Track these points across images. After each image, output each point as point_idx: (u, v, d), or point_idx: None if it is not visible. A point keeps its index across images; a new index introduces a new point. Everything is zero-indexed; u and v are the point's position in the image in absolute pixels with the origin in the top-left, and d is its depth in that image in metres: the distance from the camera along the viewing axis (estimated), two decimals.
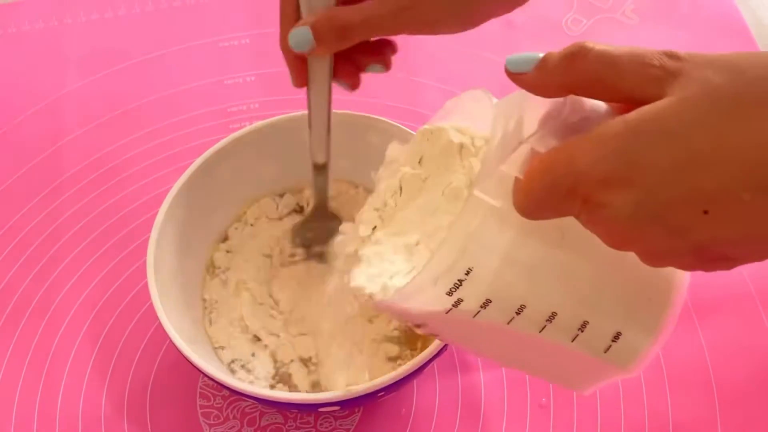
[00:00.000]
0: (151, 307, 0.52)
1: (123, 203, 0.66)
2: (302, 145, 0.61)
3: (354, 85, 0.53)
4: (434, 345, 0.50)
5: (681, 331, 0.59)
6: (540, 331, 0.36)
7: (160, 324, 0.52)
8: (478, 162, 0.41)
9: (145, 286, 0.53)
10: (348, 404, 0.52)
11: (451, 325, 0.37)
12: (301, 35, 0.49)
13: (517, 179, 0.34)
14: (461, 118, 0.42)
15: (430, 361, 0.50)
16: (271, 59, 0.75)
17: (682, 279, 0.37)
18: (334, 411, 0.56)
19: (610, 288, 0.37)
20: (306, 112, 0.54)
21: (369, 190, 0.62)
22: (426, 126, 0.44)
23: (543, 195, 0.33)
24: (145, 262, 0.54)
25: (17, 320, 0.61)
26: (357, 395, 0.49)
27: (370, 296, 0.40)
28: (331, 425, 0.57)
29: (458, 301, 0.35)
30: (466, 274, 0.35)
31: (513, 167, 0.34)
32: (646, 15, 0.76)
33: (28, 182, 0.68)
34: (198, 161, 0.58)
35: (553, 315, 0.36)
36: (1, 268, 0.64)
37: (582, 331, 0.36)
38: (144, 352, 0.60)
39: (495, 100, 0.38)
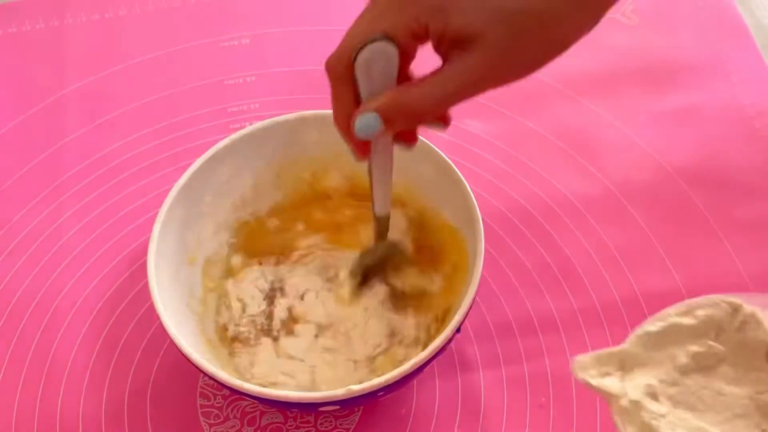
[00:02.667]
0: (151, 307, 0.52)
1: (123, 203, 0.66)
2: (302, 145, 0.61)
3: (413, 144, 0.52)
4: (434, 345, 0.50)
5: None
6: None
7: (160, 324, 0.52)
8: None
9: (145, 286, 0.53)
10: (348, 404, 0.52)
11: None
12: (369, 122, 0.46)
13: None
14: None
15: (430, 361, 0.50)
16: (271, 59, 0.75)
17: None
18: (334, 410, 0.56)
19: None
20: (313, 112, 0.54)
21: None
22: (735, 300, 0.42)
23: None
24: (145, 262, 0.54)
25: (18, 320, 0.61)
26: (357, 395, 0.49)
27: None
28: (331, 425, 0.57)
29: None
30: None
31: None
32: (646, 15, 0.76)
33: (29, 182, 0.68)
34: (198, 161, 0.58)
35: None
36: (1, 267, 0.64)
37: None
38: (144, 352, 0.60)
39: None
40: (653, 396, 0.42)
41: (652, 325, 0.43)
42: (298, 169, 0.62)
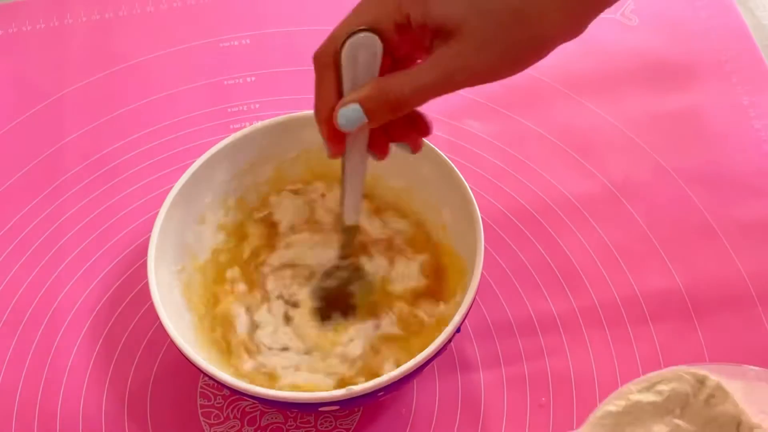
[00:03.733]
0: (152, 307, 0.52)
1: (123, 203, 0.67)
2: (302, 145, 0.61)
3: (382, 156, 0.52)
4: (434, 345, 0.50)
5: (681, 331, 0.59)
6: None
7: (160, 324, 0.52)
8: None
9: (146, 286, 0.53)
10: (348, 404, 0.52)
11: None
12: (352, 114, 0.47)
13: None
14: (743, 390, 0.39)
15: (430, 360, 0.50)
16: (271, 59, 0.75)
17: None
18: (334, 411, 0.56)
19: None
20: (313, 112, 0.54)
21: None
22: (700, 371, 0.40)
23: None
24: (145, 262, 0.54)
25: (18, 320, 0.61)
26: (357, 395, 0.49)
27: None
28: (331, 425, 0.57)
29: None
30: None
31: None
32: (645, 15, 0.76)
33: (29, 182, 0.68)
34: (198, 161, 0.58)
35: None
36: (2, 268, 0.64)
37: None
38: (144, 352, 0.60)
39: None
40: None
41: (612, 404, 0.41)
42: (298, 169, 0.62)
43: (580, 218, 0.64)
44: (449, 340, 0.51)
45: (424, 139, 0.58)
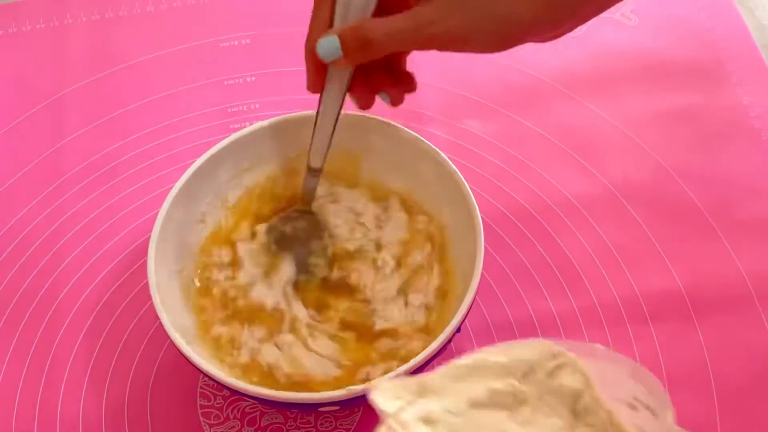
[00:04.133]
0: (151, 307, 0.52)
1: (123, 203, 0.67)
2: (302, 145, 0.61)
3: (365, 105, 0.54)
4: (433, 345, 0.50)
5: (681, 331, 0.59)
6: None
7: (160, 324, 0.52)
8: None
9: (146, 286, 0.53)
10: (348, 404, 0.52)
11: None
12: (330, 45, 0.49)
13: None
14: (595, 370, 0.40)
15: (429, 360, 0.50)
16: (271, 59, 0.75)
17: None
18: (334, 411, 0.56)
19: None
20: (314, 112, 0.55)
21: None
22: (557, 346, 0.40)
23: None
24: (145, 262, 0.54)
25: (18, 320, 0.61)
26: (357, 395, 0.49)
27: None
28: (331, 425, 0.57)
29: None
30: None
31: None
32: (645, 15, 0.76)
33: (29, 182, 0.68)
34: (198, 161, 0.58)
35: None
36: (1, 268, 0.64)
37: None
38: (144, 352, 0.60)
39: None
40: (429, 421, 0.40)
41: (462, 359, 0.42)
42: (298, 169, 0.62)
43: (580, 218, 0.65)
44: (449, 340, 0.51)
45: (424, 139, 0.58)
